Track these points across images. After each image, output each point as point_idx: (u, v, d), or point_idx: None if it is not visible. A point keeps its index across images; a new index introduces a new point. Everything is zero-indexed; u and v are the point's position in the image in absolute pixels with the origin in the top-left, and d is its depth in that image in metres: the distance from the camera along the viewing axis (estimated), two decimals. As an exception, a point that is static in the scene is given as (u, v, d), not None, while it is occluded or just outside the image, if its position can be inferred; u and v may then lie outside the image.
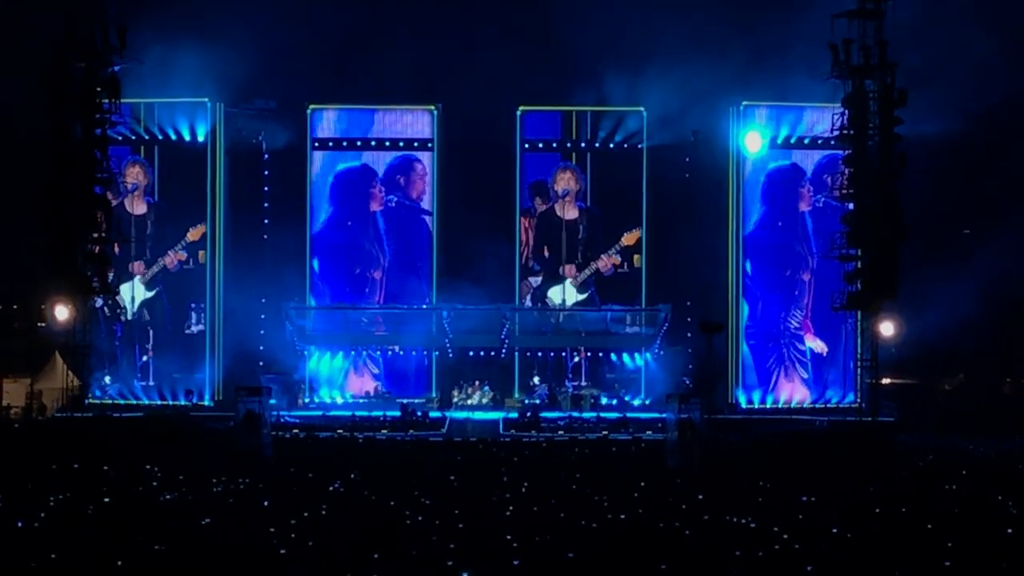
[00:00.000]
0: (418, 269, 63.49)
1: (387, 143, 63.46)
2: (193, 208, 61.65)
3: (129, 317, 61.62)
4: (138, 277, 61.76)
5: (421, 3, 61.78)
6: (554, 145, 63.50)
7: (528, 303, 63.45)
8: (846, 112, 55.07)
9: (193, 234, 61.68)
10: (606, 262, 63.30)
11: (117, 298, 59.78)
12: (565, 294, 63.56)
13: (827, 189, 59.67)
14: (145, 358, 61.85)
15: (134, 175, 61.54)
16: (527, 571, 24.71)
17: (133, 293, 61.85)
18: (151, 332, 62.03)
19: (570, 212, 63.67)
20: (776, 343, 62.16)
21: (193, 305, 61.90)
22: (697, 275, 61.65)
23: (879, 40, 54.07)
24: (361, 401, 61.53)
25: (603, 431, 54.29)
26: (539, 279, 63.66)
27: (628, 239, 63.24)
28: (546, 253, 63.59)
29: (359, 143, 63.54)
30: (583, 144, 63.27)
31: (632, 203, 63.05)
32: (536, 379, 62.83)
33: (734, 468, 42.51)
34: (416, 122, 63.53)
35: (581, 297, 63.50)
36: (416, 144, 63.42)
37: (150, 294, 61.97)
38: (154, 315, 62.03)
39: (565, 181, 63.50)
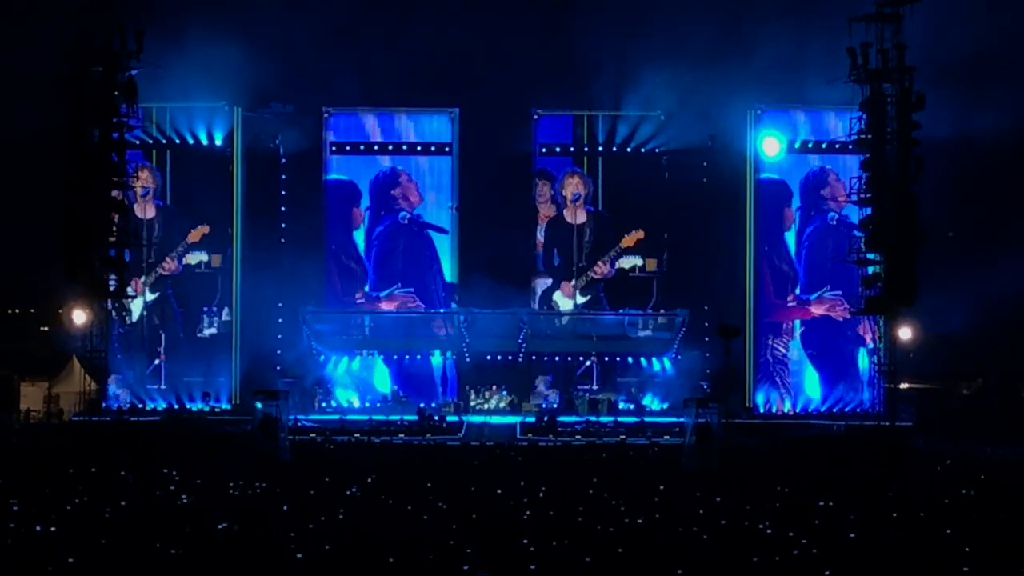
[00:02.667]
0: (431, 294, 63.27)
1: (405, 147, 63.44)
2: (200, 211, 61.48)
3: (133, 320, 61.37)
4: (142, 280, 61.35)
5: (439, 7, 61.70)
6: (571, 149, 63.34)
7: (536, 306, 63.19)
8: (864, 116, 55.03)
9: (193, 235, 61.49)
10: (602, 268, 62.96)
11: (124, 301, 59.43)
12: (574, 297, 63.24)
13: (822, 202, 59.87)
14: (157, 361, 61.63)
15: (143, 179, 61.02)
16: (544, 575, 24.69)
17: (145, 297, 61.47)
18: (162, 336, 61.79)
19: (579, 216, 63.38)
20: (768, 374, 61.61)
21: (205, 309, 61.73)
22: (714, 279, 61.37)
23: (897, 44, 54.02)
24: (378, 405, 61.48)
25: (620, 435, 54.17)
26: (548, 282, 63.36)
27: (627, 241, 62.92)
28: (556, 257, 63.36)
29: (376, 147, 63.55)
30: (599, 148, 63.11)
31: (642, 207, 62.79)
32: (544, 384, 62.56)
33: (751, 472, 42.46)
34: (435, 125, 63.52)
35: (583, 300, 63.22)
36: (434, 148, 63.36)
37: (152, 297, 61.68)
38: (164, 319, 61.82)
39: (574, 186, 63.24)
